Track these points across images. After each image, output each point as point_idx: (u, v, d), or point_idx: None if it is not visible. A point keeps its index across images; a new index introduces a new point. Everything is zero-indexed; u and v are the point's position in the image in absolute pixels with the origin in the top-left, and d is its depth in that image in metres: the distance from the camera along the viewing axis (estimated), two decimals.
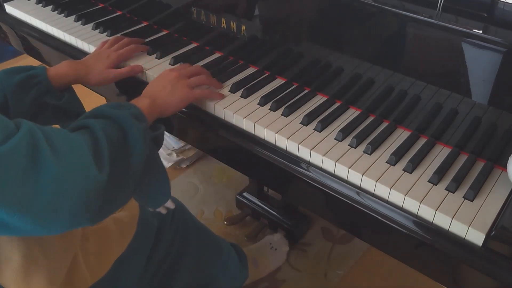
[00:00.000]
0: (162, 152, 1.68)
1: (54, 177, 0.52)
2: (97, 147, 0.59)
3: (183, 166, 1.70)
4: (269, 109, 0.84)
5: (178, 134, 0.97)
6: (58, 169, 0.53)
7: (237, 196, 1.46)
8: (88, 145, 0.58)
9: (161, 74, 0.84)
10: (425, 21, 0.71)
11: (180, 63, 0.96)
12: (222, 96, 0.87)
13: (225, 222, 1.45)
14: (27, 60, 1.94)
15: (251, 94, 0.88)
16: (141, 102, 0.75)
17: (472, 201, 0.66)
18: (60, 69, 0.85)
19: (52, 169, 0.52)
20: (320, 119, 0.81)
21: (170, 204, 0.89)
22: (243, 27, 0.94)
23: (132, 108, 0.70)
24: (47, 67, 0.84)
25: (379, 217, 0.68)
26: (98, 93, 1.10)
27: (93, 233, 0.78)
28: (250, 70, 0.96)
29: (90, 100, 1.04)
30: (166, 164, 1.67)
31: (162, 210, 0.90)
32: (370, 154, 0.74)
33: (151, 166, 0.70)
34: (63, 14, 1.17)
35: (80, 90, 0.91)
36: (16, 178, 0.50)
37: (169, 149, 1.69)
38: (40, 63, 1.31)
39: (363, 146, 0.76)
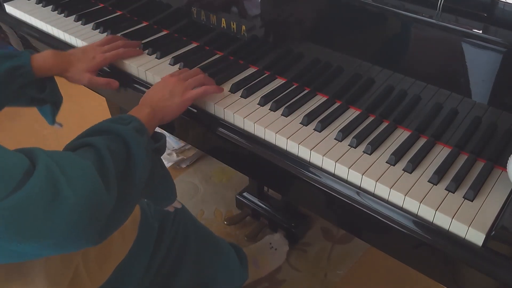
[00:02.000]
0: None
1: (71, 208, 0.53)
2: (103, 168, 0.60)
3: (183, 166, 1.70)
4: (269, 109, 0.84)
5: (178, 134, 0.97)
6: (75, 200, 0.54)
7: (237, 196, 1.46)
8: (96, 168, 0.59)
9: (159, 82, 0.84)
10: (425, 21, 0.71)
11: (180, 63, 0.96)
12: (221, 90, 0.87)
13: (225, 222, 1.45)
14: None
15: (251, 94, 0.88)
16: (141, 111, 0.75)
17: (472, 201, 0.66)
18: (45, 62, 0.84)
19: (69, 201, 0.53)
20: (320, 119, 0.81)
21: (177, 204, 0.89)
22: (243, 27, 0.94)
23: (133, 122, 0.70)
24: (31, 55, 0.83)
25: (379, 217, 0.68)
26: (98, 93, 1.10)
27: None
28: (250, 70, 0.96)
29: (90, 99, 1.04)
30: (166, 164, 1.67)
31: (170, 209, 0.90)
32: (370, 154, 0.74)
33: (155, 174, 0.71)
34: (63, 14, 1.17)
35: (80, 90, 0.91)
36: (38, 216, 0.51)
37: (169, 149, 1.69)
38: None
39: (363, 146, 0.76)
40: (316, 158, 0.75)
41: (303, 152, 0.76)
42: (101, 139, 0.63)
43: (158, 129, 0.81)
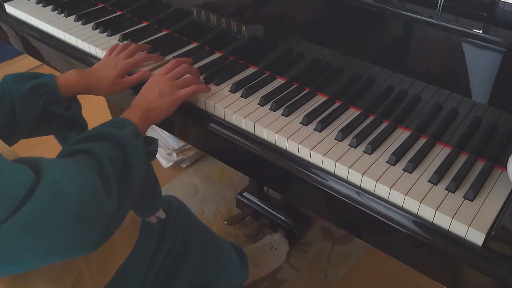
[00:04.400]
0: (162, 152, 1.68)
1: (76, 217, 0.54)
2: (104, 175, 0.60)
3: (183, 166, 1.70)
4: (269, 109, 0.84)
5: (178, 134, 0.97)
6: (80, 210, 0.54)
7: (237, 196, 1.46)
8: (98, 175, 0.59)
9: (148, 82, 0.84)
10: (425, 21, 0.71)
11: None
12: (208, 89, 0.87)
13: (225, 222, 1.45)
14: (28, 60, 1.94)
15: (251, 94, 0.88)
16: (133, 114, 0.75)
17: (472, 201, 0.66)
18: (69, 78, 0.84)
19: (75, 210, 0.54)
20: (320, 119, 0.81)
21: (161, 214, 0.88)
22: (243, 27, 0.94)
23: (128, 125, 0.70)
24: (55, 75, 0.83)
25: (379, 217, 0.68)
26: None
27: None
28: (250, 70, 0.96)
29: (90, 99, 1.04)
30: (166, 164, 1.67)
31: (152, 220, 0.88)
32: (370, 154, 0.74)
33: (147, 179, 0.71)
34: (63, 14, 1.17)
35: None
36: (44, 228, 0.52)
37: (169, 149, 1.69)
38: (40, 63, 1.31)
39: (363, 146, 0.76)
40: (316, 158, 0.75)
41: (303, 152, 0.76)
42: (99, 146, 0.63)
43: (158, 129, 0.81)
